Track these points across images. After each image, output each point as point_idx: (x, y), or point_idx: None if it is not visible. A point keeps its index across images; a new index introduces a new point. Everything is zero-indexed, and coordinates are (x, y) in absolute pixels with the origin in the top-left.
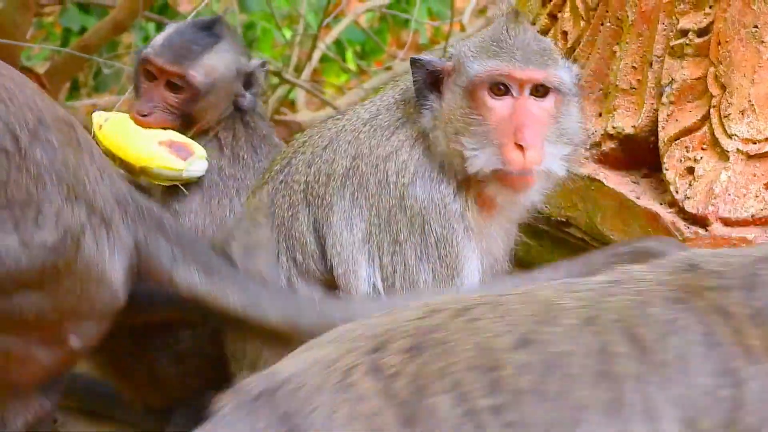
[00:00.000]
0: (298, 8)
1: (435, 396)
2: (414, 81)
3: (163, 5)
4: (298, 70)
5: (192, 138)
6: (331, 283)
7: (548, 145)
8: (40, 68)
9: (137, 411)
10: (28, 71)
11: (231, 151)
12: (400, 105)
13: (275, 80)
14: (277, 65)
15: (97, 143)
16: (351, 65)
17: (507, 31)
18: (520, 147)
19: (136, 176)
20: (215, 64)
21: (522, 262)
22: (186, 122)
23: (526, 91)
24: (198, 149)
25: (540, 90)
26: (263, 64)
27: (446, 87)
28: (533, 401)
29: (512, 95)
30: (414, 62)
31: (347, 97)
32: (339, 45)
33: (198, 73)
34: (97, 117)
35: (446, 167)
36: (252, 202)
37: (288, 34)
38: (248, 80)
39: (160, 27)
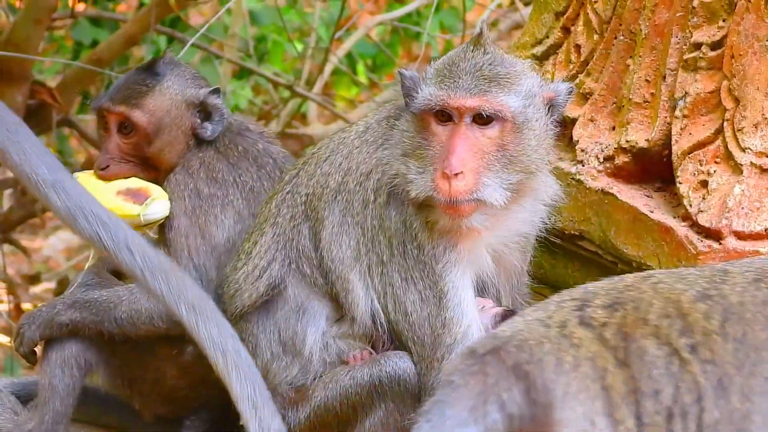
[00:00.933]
0: (309, 21)
1: (641, 340)
2: (403, 95)
3: (174, 19)
4: (310, 83)
5: (161, 177)
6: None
7: (489, 173)
8: (52, 81)
9: (148, 422)
10: (39, 84)
11: (205, 174)
12: (390, 120)
13: (286, 93)
14: (289, 78)
15: None
16: (362, 78)
17: (464, 55)
18: (447, 176)
19: None
20: (159, 104)
21: (534, 276)
22: (147, 167)
23: (467, 119)
24: (155, 191)
25: (483, 117)
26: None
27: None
28: (720, 341)
29: (454, 122)
30: (400, 75)
31: (358, 110)
32: (350, 58)
33: (143, 114)
34: None
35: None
36: (262, 213)
37: (299, 47)
38: (204, 110)
39: (171, 40)
